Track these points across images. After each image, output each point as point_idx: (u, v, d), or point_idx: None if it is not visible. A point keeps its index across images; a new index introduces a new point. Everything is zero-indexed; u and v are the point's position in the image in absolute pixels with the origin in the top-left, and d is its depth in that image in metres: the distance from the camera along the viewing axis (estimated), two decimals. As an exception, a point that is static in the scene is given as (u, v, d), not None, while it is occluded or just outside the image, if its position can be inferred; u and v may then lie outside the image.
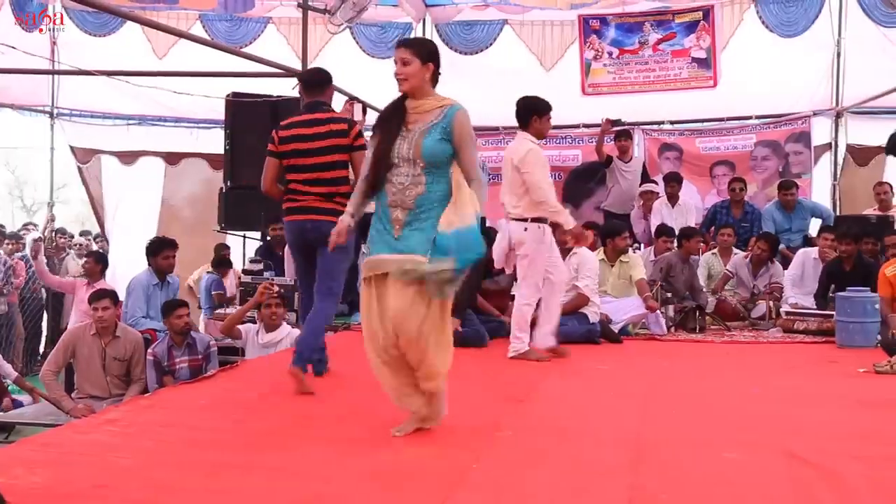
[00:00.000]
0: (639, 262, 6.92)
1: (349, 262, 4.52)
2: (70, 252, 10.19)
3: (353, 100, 6.46)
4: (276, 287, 5.78)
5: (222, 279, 8.14)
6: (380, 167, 3.31)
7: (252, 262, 7.50)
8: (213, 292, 7.97)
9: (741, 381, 4.81)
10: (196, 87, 8.04)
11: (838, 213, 8.89)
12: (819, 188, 9.62)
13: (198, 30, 10.03)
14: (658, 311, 6.67)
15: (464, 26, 10.32)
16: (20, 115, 10.59)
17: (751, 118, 9.80)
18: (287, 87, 7.28)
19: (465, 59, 10.31)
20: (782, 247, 8.01)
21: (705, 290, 7.52)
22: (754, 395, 4.38)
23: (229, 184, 7.97)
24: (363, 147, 4.28)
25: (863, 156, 9.42)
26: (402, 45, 3.38)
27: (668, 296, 6.98)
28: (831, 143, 9.71)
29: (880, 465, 2.98)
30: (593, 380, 4.86)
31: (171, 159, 10.66)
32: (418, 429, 3.38)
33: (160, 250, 6.53)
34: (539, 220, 5.21)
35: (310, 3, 7.34)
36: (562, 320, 5.96)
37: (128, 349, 5.76)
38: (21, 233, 10.91)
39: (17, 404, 6.28)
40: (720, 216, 8.58)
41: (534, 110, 5.28)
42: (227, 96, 8.05)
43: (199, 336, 5.89)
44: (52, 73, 9.87)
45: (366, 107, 6.91)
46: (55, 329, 9.28)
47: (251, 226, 8.22)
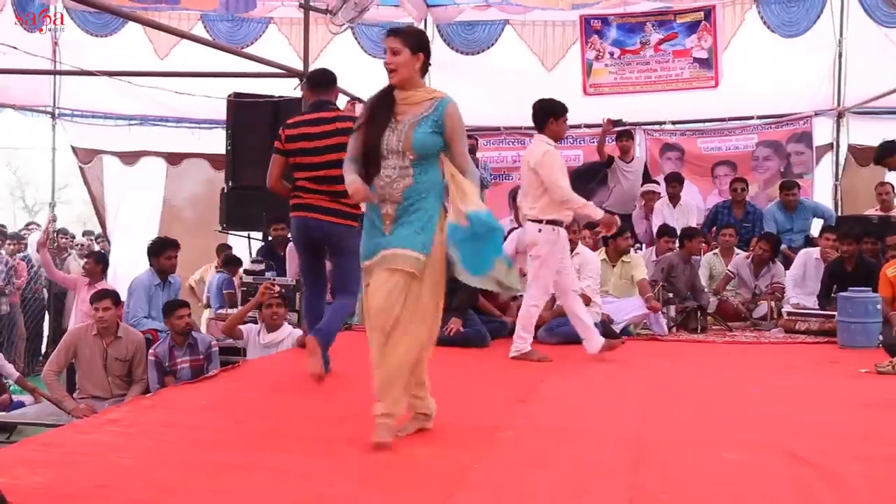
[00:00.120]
0: (640, 262, 6.93)
1: None
2: (72, 252, 10.19)
3: (354, 100, 6.45)
4: (277, 287, 5.79)
5: (233, 278, 8.11)
6: (369, 159, 3.26)
7: (253, 262, 7.50)
8: (224, 291, 7.93)
9: (742, 381, 4.81)
10: (197, 87, 8.03)
11: (840, 214, 8.87)
12: (821, 188, 9.61)
13: (199, 30, 10.03)
14: (659, 312, 6.67)
15: (465, 26, 10.31)
16: (22, 116, 10.59)
17: (752, 118, 9.79)
18: (288, 88, 7.28)
19: (466, 59, 10.31)
20: (784, 247, 7.99)
21: (707, 290, 7.51)
22: (755, 396, 4.38)
23: (231, 184, 7.98)
24: None
25: (864, 156, 9.38)
26: (391, 33, 3.29)
27: (670, 296, 6.98)
28: (833, 144, 9.70)
29: (881, 466, 2.99)
30: (594, 380, 4.86)
31: (173, 159, 10.65)
32: (420, 429, 3.38)
33: (162, 250, 6.52)
34: (554, 223, 5.23)
35: (311, 4, 7.33)
36: (562, 320, 5.98)
37: (129, 349, 5.76)
38: (23, 233, 10.91)
39: (18, 404, 6.29)
40: (722, 216, 8.57)
41: (550, 112, 5.32)
42: (229, 96, 8.06)
43: (200, 336, 5.89)
44: (54, 73, 9.86)
45: None
46: (57, 329, 9.28)
47: (253, 226, 8.22)
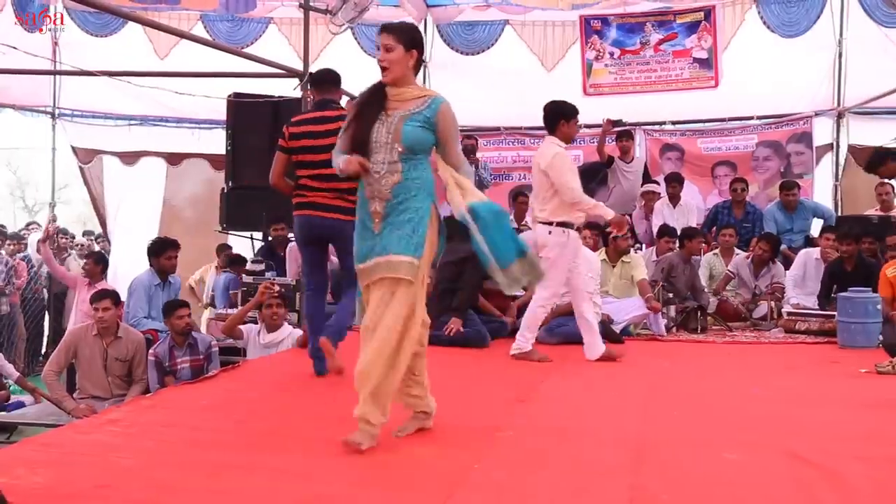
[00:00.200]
0: (640, 262, 6.93)
1: None
2: (72, 252, 10.18)
3: (353, 100, 6.44)
4: (276, 287, 5.78)
5: (238, 278, 8.07)
6: (358, 154, 3.21)
7: (253, 262, 7.49)
8: (231, 291, 7.89)
9: (742, 381, 4.81)
10: (197, 87, 8.03)
11: (840, 214, 8.87)
12: (821, 188, 9.61)
13: (199, 30, 10.03)
14: (659, 312, 6.67)
15: (465, 27, 10.31)
16: (22, 116, 10.59)
17: (752, 118, 9.79)
18: (288, 88, 7.28)
19: (466, 59, 10.31)
20: (784, 247, 8.00)
21: (707, 290, 7.51)
22: (755, 396, 4.38)
23: (231, 184, 7.98)
24: None
25: (864, 156, 9.39)
26: (385, 30, 3.24)
27: (670, 296, 6.98)
28: (833, 144, 9.70)
29: (882, 466, 2.98)
30: (594, 380, 4.86)
31: (173, 160, 10.65)
32: (419, 429, 3.38)
33: (163, 251, 6.52)
34: (564, 225, 5.22)
35: (311, 4, 7.33)
36: (563, 321, 5.98)
37: (129, 349, 5.76)
38: (23, 233, 10.91)
39: (19, 404, 6.29)
40: (722, 216, 8.58)
41: (561, 114, 5.33)
42: (229, 97, 8.06)
43: (200, 336, 5.89)
44: (54, 73, 9.87)
45: None
46: (57, 329, 9.28)
47: (253, 226, 8.22)
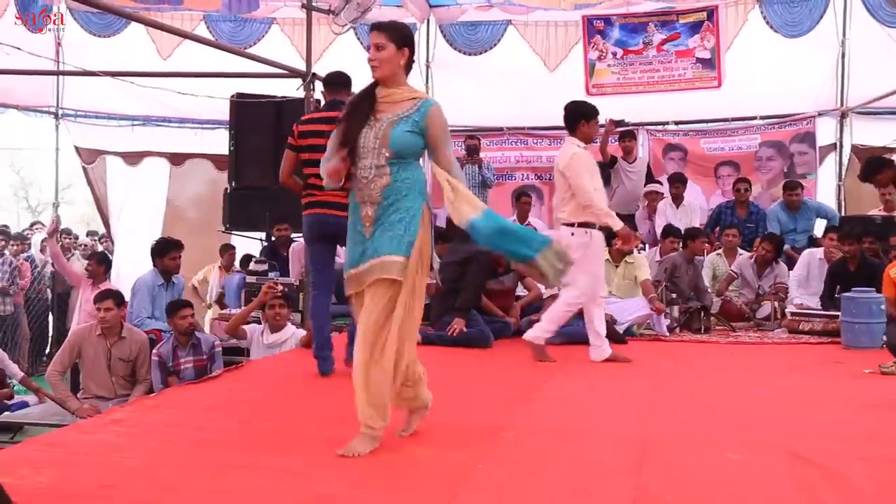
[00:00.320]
0: (644, 262, 6.92)
1: None
2: (75, 253, 10.20)
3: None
4: (280, 287, 5.79)
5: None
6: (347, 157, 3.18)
7: (257, 262, 7.49)
8: (243, 291, 7.87)
9: (746, 381, 4.80)
10: (200, 87, 8.05)
11: (843, 214, 8.86)
12: (824, 189, 9.60)
13: (202, 30, 10.05)
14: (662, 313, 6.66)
15: (468, 27, 10.31)
16: (25, 116, 10.61)
17: (755, 118, 9.79)
18: (291, 88, 7.27)
19: (469, 59, 10.32)
20: (787, 247, 7.99)
21: (710, 290, 7.50)
22: (758, 396, 4.37)
23: (234, 184, 7.99)
24: None
25: (868, 156, 9.39)
26: (376, 28, 3.21)
27: (673, 296, 6.97)
28: (836, 144, 9.68)
29: (885, 467, 2.98)
30: (597, 380, 4.85)
31: (176, 160, 10.66)
32: (417, 430, 3.35)
33: (166, 251, 6.53)
34: (586, 225, 5.17)
35: (314, 4, 7.33)
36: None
37: (133, 349, 5.76)
38: (26, 233, 10.93)
39: (23, 404, 6.30)
40: (725, 216, 8.57)
41: (581, 114, 5.29)
42: (232, 97, 8.07)
43: (203, 336, 5.88)
44: (57, 74, 9.89)
45: None
46: (61, 330, 9.30)
47: (256, 226, 8.22)
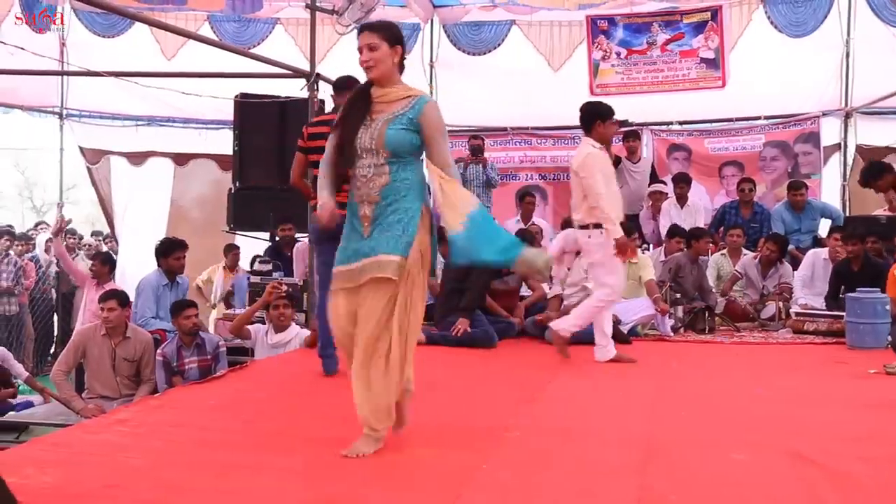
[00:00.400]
0: (648, 263, 6.91)
1: None
2: (79, 253, 10.22)
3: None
4: (284, 287, 5.79)
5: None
6: (344, 158, 3.18)
7: (261, 262, 7.50)
8: (248, 291, 7.85)
9: (750, 381, 4.80)
10: (204, 87, 8.04)
11: (848, 214, 8.84)
12: (828, 189, 9.57)
13: (206, 31, 10.05)
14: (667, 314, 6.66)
15: (472, 27, 10.30)
16: (29, 117, 10.63)
17: (760, 118, 9.76)
18: (295, 88, 7.29)
19: (472, 59, 10.30)
20: (792, 247, 7.97)
21: (714, 290, 7.49)
22: (762, 396, 4.37)
23: (238, 184, 7.99)
24: None
25: (872, 156, 9.35)
26: (366, 28, 3.19)
27: (677, 296, 6.97)
28: (840, 144, 9.65)
29: (887, 467, 2.98)
30: (602, 380, 4.85)
31: (180, 160, 10.66)
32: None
33: (170, 251, 6.53)
34: (601, 226, 5.15)
35: (318, 4, 7.34)
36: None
37: (138, 349, 5.77)
38: (31, 233, 10.96)
39: (28, 404, 6.31)
40: (729, 217, 8.55)
41: (597, 115, 5.28)
42: (236, 97, 8.07)
43: (207, 336, 5.89)
44: (62, 74, 9.90)
45: None
46: (65, 329, 9.31)
47: (260, 226, 8.23)
